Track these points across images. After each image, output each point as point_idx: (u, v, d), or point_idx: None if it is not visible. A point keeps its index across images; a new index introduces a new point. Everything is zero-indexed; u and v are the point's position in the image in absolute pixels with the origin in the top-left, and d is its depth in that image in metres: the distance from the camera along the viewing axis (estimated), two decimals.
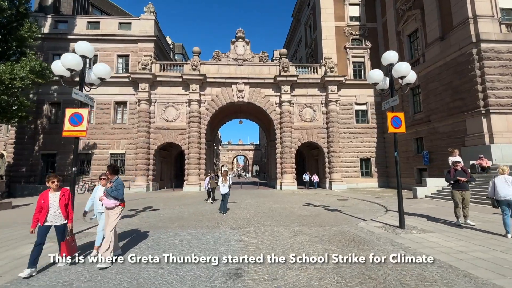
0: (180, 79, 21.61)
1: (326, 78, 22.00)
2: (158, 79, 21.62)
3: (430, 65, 17.37)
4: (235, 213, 9.40)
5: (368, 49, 24.08)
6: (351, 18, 24.64)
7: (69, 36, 22.06)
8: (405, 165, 20.25)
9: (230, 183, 10.02)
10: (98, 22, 22.78)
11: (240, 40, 22.89)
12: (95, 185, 19.89)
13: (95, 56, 22.43)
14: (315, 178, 22.11)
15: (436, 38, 16.96)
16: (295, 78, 21.92)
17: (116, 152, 21.44)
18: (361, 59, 24.19)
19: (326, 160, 22.23)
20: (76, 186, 19.50)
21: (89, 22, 22.74)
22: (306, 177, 22.13)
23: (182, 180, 22.33)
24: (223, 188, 9.55)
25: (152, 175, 21.32)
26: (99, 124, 21.53)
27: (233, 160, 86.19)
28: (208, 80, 21.95)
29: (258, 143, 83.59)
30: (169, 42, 30.74)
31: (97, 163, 21.16)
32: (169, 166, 26.70)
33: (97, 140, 21.34)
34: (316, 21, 25.69)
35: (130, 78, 21.30)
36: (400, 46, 21.09)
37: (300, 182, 23.83)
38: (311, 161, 27.82)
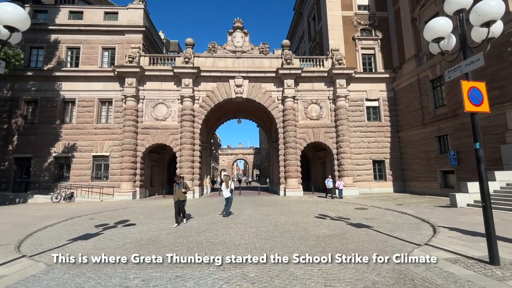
0: (172, 73, 19.37)
1: (334, 71, 19.76)
2: (146, 73, 19.38)
3: (455, 51, 15.07)
4: (230, 232, 7.01)
5: (379, 40, 21.90)
6: (359, 7, 22.52)
7: (49, 27, 19.89)
8: (425, 167, 17.90)
9: (232, 187, 10.17)
10: (82, 12, 20.63)
11: (238, 30, 20.74)
12: (72, 192, 17.58)
13: (78, 49, 20.30)
14: (340, 184, 16.96)
15: None
16: (299, 71, 19.68)
17: (99, 154, 19.08)
18: (371, 51, 22.00)
19: (335, 162, 19.85)
20: (51, 194, 17.16)
21: (71, 12, 20.59)
22: (329, 183, 17.00)
23: None
24: (226, 193, 9.85)
25: (139, 180, 18.92)
26: (81, 124, 19.21)
27: (232, 164, 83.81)
28: (202, 74, 19.71)
29: (258, 146, 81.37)
30: (162, 37, 28.68)
31: (78, 168, 18.79)
32: (161, 170, 24.31)
33: (78, 141, 19.00)
34: (321, 11, 23.59)
35: (116, 73, 19.07)
36: (416, 34, 18.90)
37: (305, 187, 21.42)
38: (317, 164, 25.45)
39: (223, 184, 10.16)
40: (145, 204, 14.97)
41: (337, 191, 16.79)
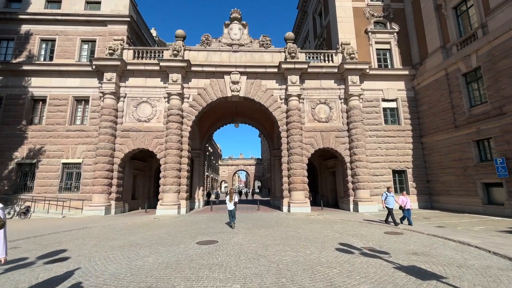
0: (158, 68, 16.78)
1: (346, 66, 17.04)
2: (129, 67, 16.80)
3: (498, 36, 12.34)
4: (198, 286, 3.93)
5: (395, 33, 19.28)
6: None
7: (20, 16, 17.57)
8: (460, 178, 14.75)
9: (236, 200, 10.88)
10: (60, 1, 18.35)
11: (235, 22, 18.28)
12: (28, 207, 14.55)
13: (53, 41, 17.89)
14: (406, 201, 10.27)
15: None
16: (305, 66, 16.98)
17: (70, 161, 16.19)
18: (387, 46, 19.34)
19: (349, 172, 16.74)
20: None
21: (48, 1, 18.34)
22: (389, 199, 10.53)
23: None
24: (229, 205, 10.52)
25: (116, 192, 15.91)
26: (51, 126, 16.46)
27: (233, 175, 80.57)
28: (193, 68, 17.08)
29: (260, 157, 78.37)
30: (154, 34, 26.46)
31: (44, 176, 15.87)
32: (146, 181, 21.29)
33: (46, 145, 16.19)
34: (329, 3, 21.20)
35: (94, 66, 16.51)
36: (441, 23, 16.26)
37: (311, 201, 18.17)
38: (325, 175, 22.30)
39: (227, 197, 10.76)
40: (114, 223, 11.88)
41: (353, 204, 12.90)
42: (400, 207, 10.40)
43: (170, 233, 9.18)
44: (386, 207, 10.58)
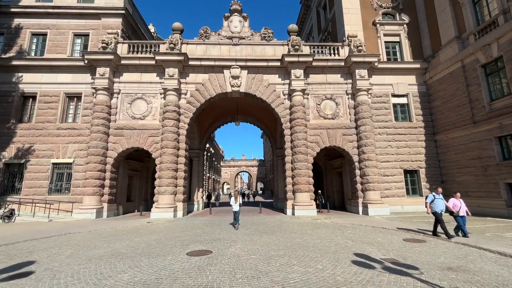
0: (154, 62, 15.84)
1: (353, 59, 15.95)
2: (123, 62, 15.89)
3: None
4: None
5: (405, 25, 18.17)
6: None
7: (12, 10, 16.78)
8: (480, 178, 13.56)
9: (240, 202, 10.95)
10: None
11: (235, 14, 17.31)
12: (13, 210, 13.61)
13: (44, 35, 17.06)
14: (460, 205, 8.26)
15: None
16: (310, 59, 15.93)
17: (60, 161, 15.26)
18: (396, 38, 18.23)
19: (357, 172, 15.60)
20: None
21: None
22: (439, 203, 8.19)
23: None
24: (235, 206, 10.70)
25: (109, 194, 14.93)
26: (40, 124, 15.57)
27: (235, 176, 79.46)
28: (191, 62, 16.12)
29: (263, 158, 77.31)
30: (152, 30, 25.60)
31: (33, 177, 14.95)
32: (143, 182, 20.30)
33: (36, 144, 15.29)
34: None
35: (86, 61, 15.62)
36: (456, 11, 15.14)
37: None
38: (331, 176, 21.17)
39: (232, 198, 10.93)
40: (102, 227, 10.88)
41: (363, 207, 11.80)
42: (451, 213, 8.16)
43: (160, 240, 8.15)
44: (433, 212, 8.15)
